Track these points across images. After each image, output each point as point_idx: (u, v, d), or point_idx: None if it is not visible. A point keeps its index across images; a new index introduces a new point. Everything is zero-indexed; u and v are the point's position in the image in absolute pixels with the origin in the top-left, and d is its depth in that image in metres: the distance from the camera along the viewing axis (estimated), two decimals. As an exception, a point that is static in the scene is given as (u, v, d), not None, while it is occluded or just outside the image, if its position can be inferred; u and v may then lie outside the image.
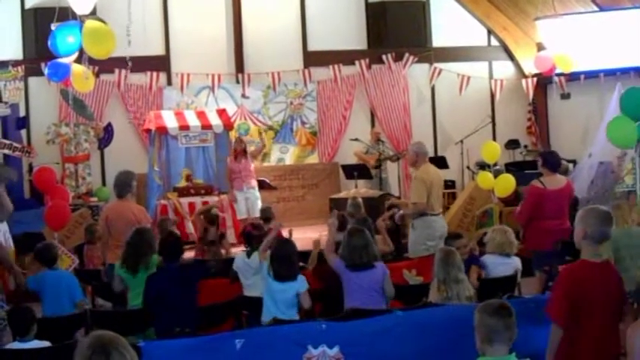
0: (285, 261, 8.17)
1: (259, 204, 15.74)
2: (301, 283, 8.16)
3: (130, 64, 12.85)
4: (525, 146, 20.81)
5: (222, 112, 17.99)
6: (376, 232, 10.79)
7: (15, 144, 16.40)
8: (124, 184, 10.56)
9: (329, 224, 9.20)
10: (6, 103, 16.70)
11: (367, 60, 20.26)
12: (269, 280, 8.16)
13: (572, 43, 16.81)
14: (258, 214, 15.48)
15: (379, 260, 8.50)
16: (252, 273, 9.11)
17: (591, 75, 18.03)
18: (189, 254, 12.17)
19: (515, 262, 9.56)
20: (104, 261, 11.00)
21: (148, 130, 17.48)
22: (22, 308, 7.09)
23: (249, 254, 9.33)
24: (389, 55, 20.28)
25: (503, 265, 9.43)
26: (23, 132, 17.81)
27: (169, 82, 19.39)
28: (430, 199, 11.19)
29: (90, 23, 10.98)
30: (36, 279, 9.29)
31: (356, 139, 18.26)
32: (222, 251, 12.31)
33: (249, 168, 16.30)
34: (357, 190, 17.13)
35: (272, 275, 8.15)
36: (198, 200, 16.50)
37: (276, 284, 8.11)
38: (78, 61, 12.38)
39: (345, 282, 8.14)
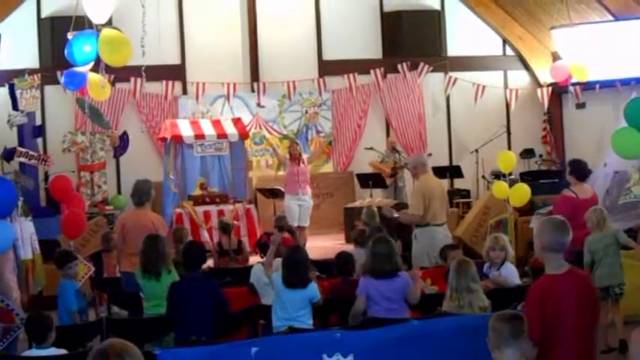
0: (295, 268, 8.18)
1: (310, 212, 16.06)
2: (313, 292, 8.18)
3: (144, 74, 12.88)
4: (540, 155, 20.78)
5: (237, 121, 18.02)
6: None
7: (31, 152, 16.43)
8: (143, 192, 10.57)
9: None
10: (22, 111, 16.74)
11: (382, 69, 20.29)
12: (280, 286, 8.18)
13: (587, 52, 16.79)
14: (307, 223, 15.56)
15: (402, 270, 8.50)
16: (267, 283, 9.13)
17: (606, 84, 18.00)
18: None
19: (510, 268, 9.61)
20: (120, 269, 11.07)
21: (164, 139, 17.52)
22: (40, 315, 7.10)
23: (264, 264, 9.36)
24: (404, 64, 20.31)
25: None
26: (39, 140, 17.85)
27: (185, 91, 19.47)
28: (431, 209, 11.37)
29: (106, 31, 11.00)
30: None
31: (371, 148, 18.31)
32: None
33: (306, 173, 16.30)
34: (372, 199, 17.17)
35: (282, 282, 8.17)
36: (213, 209, 16.54)
37: (286, 291, 8.13)
38: (94, 69, 12.41)
39: (369, 290, 8.12)
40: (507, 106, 21.06)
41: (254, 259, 11.42)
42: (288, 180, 16.14)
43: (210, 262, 12.70)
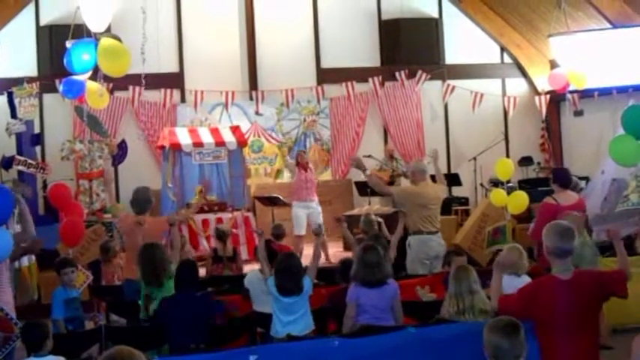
0: (289, 275, 8.13)
1: (321, 219, 15.75)
2: (308, 288, 8.18)
3: (144, 82, 12.92)
4: (538, 163, 20.80)
5: (235, 129, 18.04)
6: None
7: (29, 160, 16.45)
8: (145, 200, 10.47)
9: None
10: (21, 119, 16.74)
11: (380, 77, 20.31)
12: (277, 295, 8.15)
13: (585, 60, 16.83)
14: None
15: (392, 278, 8.49)
16: (265, 291, 9.11)
17: (604, 92, 18.03)
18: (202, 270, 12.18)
19: (526, 281, 9.52)
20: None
21: (162, 147, 17.54)
22: (36, 323, 7.06)
23: (262, 270, 9.31)
24: (402, 72, 20.33)
25: (515, 282, 9.40)
26: (38, 148, 17.87)
27: (183, 99, 19.49)
28: (421, 216, 11.46)
29: (105, 41, 11.02)
30: None
31: (369, 156, 18.29)
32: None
33: (313, 180, 16.21)
34: (370, 206, 17.17)
35: (277, 290, 8.14)
36: (211, 217, 16.55)
37: (285, 299, 8.10)
38: (93, 78, 12.43)
39: (359, 299, 8.10)
40: (505, 113, 21.09)
41: (252, 267, 11.42)
42: (296, 187, 16.04)
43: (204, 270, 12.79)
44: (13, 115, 16.82)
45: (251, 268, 10.93)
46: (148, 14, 13.08)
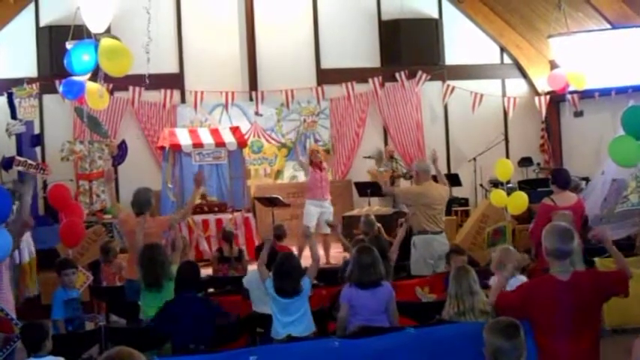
0: (287, 276, 8.11)
1: (332, 218, 15.58)
2: (307, 289, 8.17)
3: (147, 81, 12.92)
4: (538, 164, 20.78)
5: (235, 130, 18.05)
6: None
7: (29, 161, 16.40)
8: (145, 201, 10.45)
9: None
10: (21, 120, 16.71)
11: (380, 78, 20.30)
12: (276, 296, 8.14)
13: (584, 60, 16.81)
14: (327, 230, 15.37)
15: (387, 280, 8.48)
16: (265, 291, 9.09)
17: (604, 92, 18.02)
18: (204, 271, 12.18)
19: (522, 280, 9.52)
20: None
21: (162, 148, 17.55)
22: (35, 324, 7.06)
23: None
24: (402, 73, 20.31)
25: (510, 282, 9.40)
26: (38, 149, 17.82)
27: (183, 100, 19.47)
28: (426, 215, 11.58)
29: (106, 41, 11.01)
30: None
31: (369, 157, 18.30)
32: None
33: (327, 179, 16.23)
34: (370, 207, 17.16)
35: (275, 291, 8.12)
36: (211, 217, 16.56)
37: (283, 300, 8.09)
38: (92, 78, 12.42)
39: (352, 301, 8.09)
40: (505, 114, 21.08)
41: (254, 267, 11.43)
42: (311, 186, 15.96)
43: (209, 270, 12.82)
44: (13, 115, 16.80)
45: (254, 268, 10.93)
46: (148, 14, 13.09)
